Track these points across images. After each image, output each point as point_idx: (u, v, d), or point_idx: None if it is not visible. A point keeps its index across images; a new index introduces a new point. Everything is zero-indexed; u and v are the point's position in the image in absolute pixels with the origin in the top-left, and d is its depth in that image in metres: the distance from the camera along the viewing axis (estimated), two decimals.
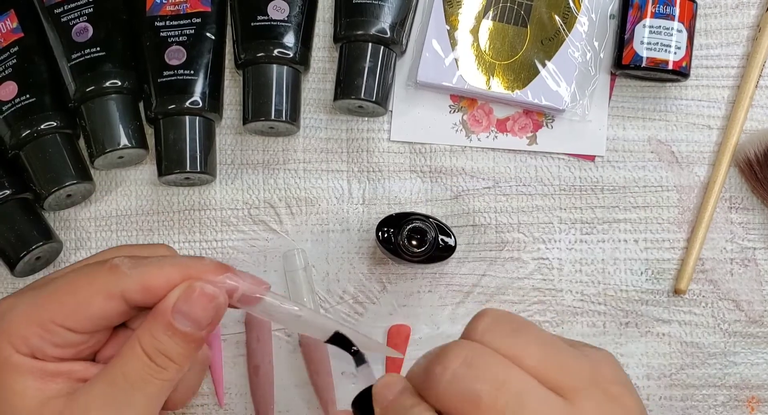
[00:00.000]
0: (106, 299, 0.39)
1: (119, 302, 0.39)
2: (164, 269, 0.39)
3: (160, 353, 0.39)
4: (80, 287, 0.39)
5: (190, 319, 0.38)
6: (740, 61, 0.60)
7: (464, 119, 0.59)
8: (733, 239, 0.58)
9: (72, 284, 0.39)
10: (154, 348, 0.38)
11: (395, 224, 0.55)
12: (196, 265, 0.40)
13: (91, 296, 0.39)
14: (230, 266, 0.40)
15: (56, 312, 0.39)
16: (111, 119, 0.56)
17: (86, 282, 0.39)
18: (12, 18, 0.58)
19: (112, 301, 0.39)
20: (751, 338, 0.58)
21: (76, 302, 0.39)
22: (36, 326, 0.38)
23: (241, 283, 0.40)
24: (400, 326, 0.57)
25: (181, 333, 0.39)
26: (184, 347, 0.39)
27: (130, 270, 0.39)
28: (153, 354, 0.38)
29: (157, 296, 0.39)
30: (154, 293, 0.39)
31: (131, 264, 0.39)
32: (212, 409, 0.57)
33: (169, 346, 0.39)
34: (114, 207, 0.59)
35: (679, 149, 0.59)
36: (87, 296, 0.39)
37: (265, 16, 0.57)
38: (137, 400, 0.39)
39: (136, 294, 0.39)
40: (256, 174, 0.59)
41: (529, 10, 0.59)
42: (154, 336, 0.38)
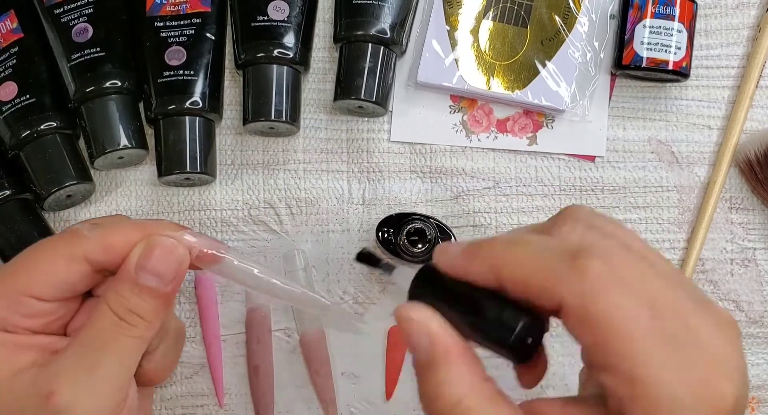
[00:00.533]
0: (68, 262, 0.39)
1: (83, 265, 0.39)
2: (124, 228, 0.40)
3: (128, 310, 0.39)
4: (43, 254, 0.39)
5: (153, 273, 0.39)
6: (740, 61, 0.60)
7: (464, 120, 0.59)
8: (734, 239, 0.58)
9: (35, 252, 0.40)
10: (122, 306, 0.39)
11: (395, 225, 0.55)
12: (155, 224, 0.40)
13: (54, 262, 0.39)
14: (189, 227, 0.41)
15: (22, 282, 0.39)
16: (111, 120, 0.56)
17: (48, 249, 0.39)
18: (12, 18, 0.58)
19: (76, 264, 0.39)
20: (751, 338, 0.58)
21: (40, 269, 0.39)
22: (3, 298, 0.39)
23: (200, 240, 0.40)
24: None
25: (147, 289, 0.39)
26: (151, 303, 0.39)
27: (90, 232, 0.39)
28: (121, 312, 0.39)
29: (119, 255, 0.39)
30: (116, 253, 0.39)
31: (91, 227, 0.39)
32: (212, 409, 0.57)
33: (136, 303, 0.39)
34: (114, 207, 0.59)
35: (680, 149, 0.59)
36: (50, 262, 0.39)
37: (265, 16, 0.57)
38: (108, 359, 0.38)
39: (98, 255, 0.39)
40: (256, 174, 0.59)
41: (529, 11, 0.59)
42: (120, 294, 0.39)
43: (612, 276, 0.33)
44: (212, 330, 0.57)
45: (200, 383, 0.57)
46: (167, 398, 0.57)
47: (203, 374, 0.57)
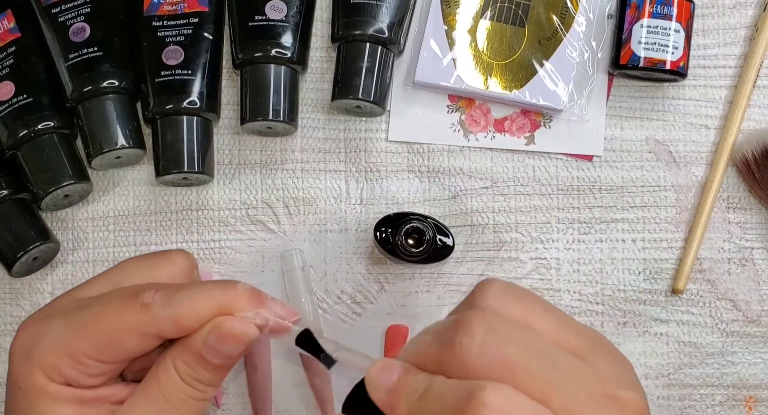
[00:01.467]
0: (140, 338, 0.39)
1: (154, 340, 0.39)
2: (197, 305, 0.39)
3: (194, 379, 0.39)
4: (111, 324, 0.38)
5: (220, 353, 0.39)
6: (738, 61, 0.60)
7: (462, 119, 0.59)
8: (731, 238, 0.59)
9: (103, 320, 0.39)
10: (189, 375, 0.39)
11: (393, 224, 0.55)
12: (229, 298, 0.39)
13: (124, 336, 0.38)
14: (264, 295, 0.40)
15: (88, 347, 0.38)
16: (108, 119, 0.56)
17: (116, 321, 0.38)
18: (9, 18, 0.57)
19: (148, 339, 0.39)
20: (748, 337, 0.58)
21: (108, 339, 0.38)
22: (69, 357, 0.38)
23: (272, 318, 0.40)
24: (398, 327, 0.57)
25: (212, 365, 0.39)
26: (217, 374, 0.40)
27: (162, 309, 0.38)
28: (189, 380, 0.39)
29: (191, 331, 0.39)
30: (188, 330, 0.39)
31: (163, 302, 0.38)
32: (210, 409, 0.57)
33: (203, 374, 0.39)
34: (111, 207, 0.59)
35: (677, 149, 0.59)
36: (119, 334, 0.38)
37: (262, 15, 0.57)
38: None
39: (170, 333, 0.39)
40: (254, 174, 0.59)
41: (527, 10, 0.59)
42: (187, 365, 0.39)
43: None
44: None
45: None
46: None
47: None
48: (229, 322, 0.39)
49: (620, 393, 0.34)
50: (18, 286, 0.58)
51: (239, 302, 0.39)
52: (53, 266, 0.58)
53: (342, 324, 0.58)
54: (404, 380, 0.36)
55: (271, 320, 0.40)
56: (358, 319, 0.58)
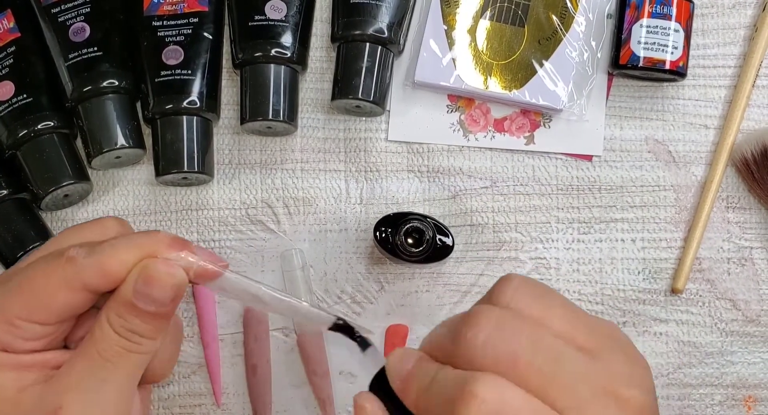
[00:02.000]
0: (67, 291, 0.38)
1: (82, 293, 0.39)
2: (119, 252, 0.39)
3: (129, 330, 0.39)
4: (39, 282, 0.39)
5: (151, 299, 0.38)
6: (737, 60, 0.60)
7: (462, 119, 0.59)
8: (730, 238, 0.59)
9: (31, 279, 0.39)
10: (123, 327, 0.39)
11: (393, 224, 0.55)
12: (151, 243, 0.39)
13: (53, 291, 0.38)
14: (188, 242, 0.40)
15: (20, 309, 0.38)
16: (108, 119, 0.56)
17: (44, 276, 0.39)
18: (9, 18, 0.57)
19: (75, 292, 0.39)
20: (748, 337, 0.58)
21: (38, 297, 0.38)
22: (2, 322, 0.38)
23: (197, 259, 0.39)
24: (397, 326, 0.57)
25: (146, 313, 0.39)
26: (152, 323, 0.39)
27: (85, 259, 0.38)
28: (123, 333, 0.39)
29: (117, 278, 0.39)
30: (114, 277, 0.39)
31: (86, 253, 0.38)
32: (210, 409, 0.57)
33: (137, 324, 0.39)
34: (111, 207, 0.59)
35: (676, 149, 0.59)
36: (48, 290, 0.38)
37: (262, 15, 0.57)
38: (115, 374, 0.39)
39: (96, 282, 0.39)
40: (254, 174, 0.59)
41: (527, 10, 0.59)
42: (120, 316, 0.39)
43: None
44: (210, 330, 0.57)
45: (198, 383, 0.57)
46: (165, 397, 0.57)
47: (201, 373, 0.57)
48: (154, 263, 0.38)
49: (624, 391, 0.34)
50: None
51: (162, 247, 0.39)
52: None
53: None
54: (417, 369, 0.37)
55: (195, 262, 0.39)
56: (358, 319, 0.58)
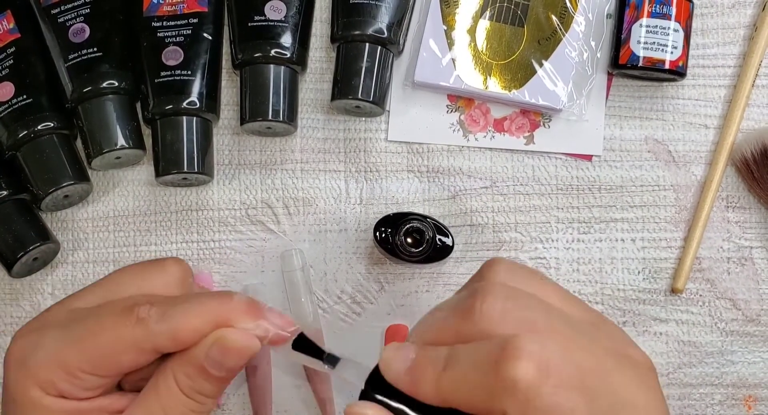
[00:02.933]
0: (137, 353, 0.38)
1: (151, 354, 0.39)
2: (193, 319, 0.38)
3: (195, 391, 0.39)
4: (107, 339, 0.38)
5: (222, 366, 0.38)
6: (737, 60, 0.60)
7: (461, 119, 0.59)
8: (730, 237, 0.59)
9: (97, 334, 0.38)
10: (190, 387, 0.39)
11: (393, 224, 0.55)
12: (227, 311, 0.39)
13: (121, 350, 0.38)
14: (261, 305, 0.39)
15: (83, 362, 0.38)
16: (108, 120, 0.56)
17: (112, 336, 0.38)
18: (9, 18, 0.57)
19: (144, 354, 0.38)
20: (748, 337, 0.58)
21: (103, 354, 0.38)
22: (63, 371, 0.38)
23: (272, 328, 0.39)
24: (398, 326, 0.57)
25: (214, 377, 0.39)
26: (218, 386, 0.39)
27: (158, 324, 0.38)
28: (190, 393, 0.39)
29: (189, 344, 0.38)
30: (186, 343, 0.38)
31: (158, 317, 0.38)
32: None
33: (205, 387, 0.39)
34: (111, 208, 0.59)
35: (676, 149, 0.59)
36: (116, 349, 0.38)
37: (262, 16, 0.57)
38: None
39: (167, 347, 0.38)
40: (254, 174, 0.59)
41: (526, 10, 0.59)
42: (189, 377, 0.38)
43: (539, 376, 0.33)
44: None
45: None
46: None
47: None
48: (232, 334, 0.38)
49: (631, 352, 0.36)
50: (18, 286, 0.58)
51: (236, 314, 0.39)
52: (53, 267, 0.58)
53: (342, 324, 0.58)
54: (423, 356, 0.36)
55: (271, 330, 0.39)
56: (358, 319, 0.58)
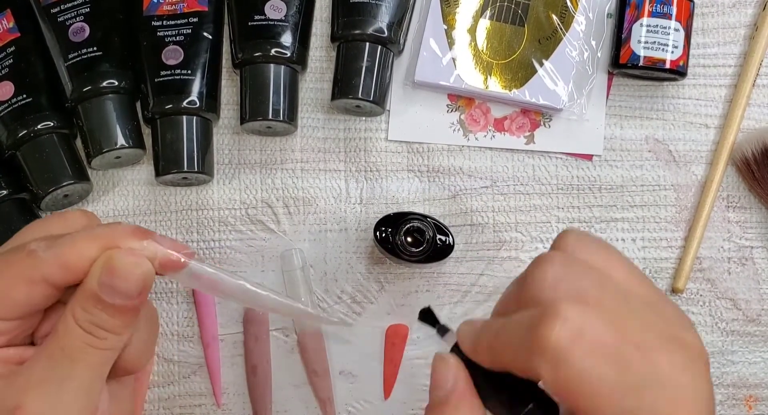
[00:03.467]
0: (28, 285, 0.37)
1: (43, 287, 0.38)
2: (79, 244, 0.37)
3: (95, 325, 0.37)
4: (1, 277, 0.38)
5: (117, 291, 0.37)
6: (737, 59, 0.60)
7: (462, 119, 0.59)
8: (731, 237, 0.59)
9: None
10: (88, 321, 0.37)
11: (393, 224, 0.55)
12: (113, 233, 0.38)
13: (13, 285, 0.37)
14: (151, 231, 0.39)
15: None
16: (108, 119, 0.56)
17: (4, 270, 0.38)
18: (8, 18, 0.57)
19: (36, 286, 0.37)
20: (748, 336, 0.58)
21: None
22: None
23: (160, 249, 0.38)
24: (398, 326, 0.57)
25: (112, 306, 0.37)
26: (119, 318, 0.37)
27: (45, 253, 0.37)
28: (88, 327, 0.37)
29: (79, 272, 0.38)
30: (76, 271, 0.37)
31: (46, 246, 0.37)
32: (210, 409, 0.57)
33: (103, 318, 0.37)
34: (111, 207, 0.59)
35: (677, 148, 0.59)
36: (8, 284, 0.37)
37: (262, 15, 0.57)
38: (78, 371, 0.37)
39: (57, 275, 0.37)
40: (254, 174, 0.59)
41: (527, 10, 0.59)
42: (85, 310, 0.37)
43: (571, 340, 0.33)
44: (210, 330, 0.57)
45: (198, 383, 0.57)
46: (165, 397, 0.57)
47: (201, 373, 0.57)
48: (118, 254, 0.37)
49: (686, 335, 0.35)
50: None
51: (123, 237, 0.38)
52: None
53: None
54: (484, 325, 0.37)
55: (159, 251, 0.38)
56: (358, 318, 0.58)
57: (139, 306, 0.38)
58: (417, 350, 0.57)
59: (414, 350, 0.57)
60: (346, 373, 0.57)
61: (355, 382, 0.57)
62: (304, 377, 0.57)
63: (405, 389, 0.57)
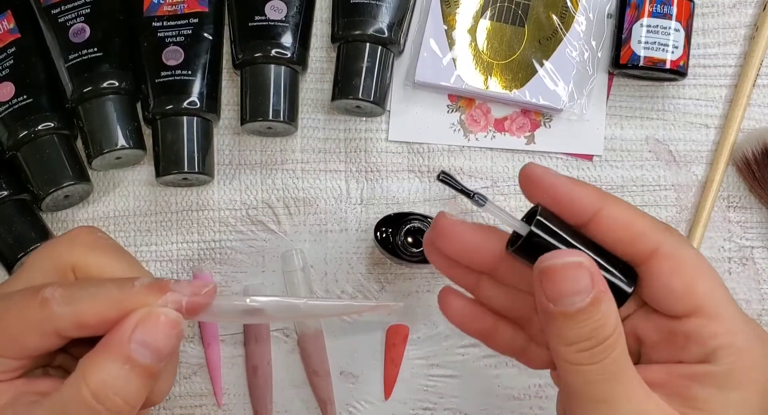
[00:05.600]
0: (40, 335, 0.36)
1: (55, 338, 0.36)
2: (97, 306, 0.36)
3: (111, 393, 0.34)
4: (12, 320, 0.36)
5: (150, 349, 0.35)
6: (737, 60, 0.60)
7: (462, 119, 0.59)
8: (731, 237, 0.59)
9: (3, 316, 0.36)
10: (105, 388, 0.34)
11: (393, 224, 0.55)
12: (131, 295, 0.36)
13: (25, 331, 0.36)
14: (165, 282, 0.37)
15: None
16: (108, 120, 0.56)
17: (17, 317, 0.36)
18: (9, 19, 0.57)
19: (48, 337, 0.36)
20: None
21: (8, 336, 0.36)
22: None
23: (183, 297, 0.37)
24: (398, 326, 0.57)
25: (141, 366, 0.35)
26: (141, 383, 0.35)
27: (60, 307, 0.35)
28: (103, 396, 0.34)
29: (94, 331, 0.36)
30: (91, 329, 0.36)
31: (62, 300, 0.36)
32: (210, 409, 0.57)
33: (124, 384, 0.35)
34: (112, 208, 0.59)
35: (677, 148, 0.59)
36: (20, 331, 0.36)
37: (262, 16, 0.57)
38: None
39: (71, 331, 0.36)
40: (254, 174, 0.59)
41: (527, 10, 0.59)
42: (105, 371, 0.34)
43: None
44: (210, 330, 0.57)
45: (199, 383, 0.57)
46: (165, 398, 0.57)
47: (202, 374, 0.57)
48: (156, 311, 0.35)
49: None
50: None
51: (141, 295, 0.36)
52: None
53: (342, 324, 0.58)
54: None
55: (183, 299, 0.36)
56: (359, 319, 0.58)
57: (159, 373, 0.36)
58: (417, 350, 0.57)
59: (414, 350, 0.57)
60: (347, 373, 0.57)
61: (356, 382, 0.57)
62: (304, 377, 0.57)
63: (405, 389, 0.57)
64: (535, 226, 0.37)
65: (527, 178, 0.39)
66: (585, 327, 0.35)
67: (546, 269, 0.36)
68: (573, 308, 0.35)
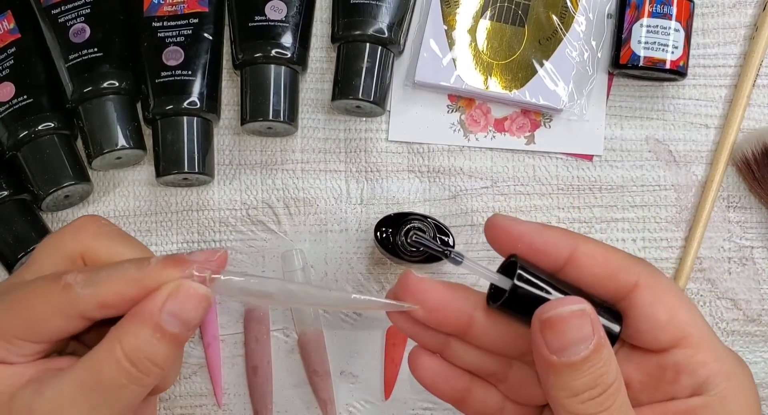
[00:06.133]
0: (65, 319, 0.37)
1: (79, 321, 0.38)
2: (118, 285, 0.37)
3: (143, 357, 0.37)
4: (37, 306, 0.38)
5: (180, 319, 0.37)
6: (737, 60, 0.60)
7: (462, 119, 0.59)
8: (731, 237, 0.59)
9: (27, 302, 0.38)
10: (137, 352, 0.36)
11: (393, 224, 0.55)
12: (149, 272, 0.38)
13: (49, 316, 0.37)
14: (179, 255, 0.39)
15: (16, 329, 0.37)
16: (109, 120, 0.56)
17: (41, 302, 0.38)
18: (9, 19, 0.57)
19: (72, 320, 0.38)
20: (749, 336, 0.58)
21: (32, 320, 0.38)
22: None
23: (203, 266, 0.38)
24: None
25: (170, 335, 0.37)
26: (170, 349, 0.37)
27: (83, 289, 0.37)
28: (135, 359, 0.37)
29: (116, 310, 0.37)
30: (113, 309, 0.37)
31: (84, 282, 0.37)
32: (210, 409, 0.57)
33: (155, 349, 0.37)
34: (112, 208, 0.59)
35: (677, 148, 0.59)
36: (43, 315, 0.37)
37: (262, 16, 0.57)
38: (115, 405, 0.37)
39: (95, 313, 0.37)
40: (254, 174, 0.59)
41: (527, 10, 0.59)
42: (138, 338, 0.36)
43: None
44: (211, 330, 0.57)
45: (199, 383, 0.57)
46: (165, 398, 0.57)
47: (202, 374, 0.57)
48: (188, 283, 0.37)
49: None
50: None
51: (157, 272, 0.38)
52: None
53: (342, 324, 0.58)
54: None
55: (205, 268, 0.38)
56: (359, 319, 0.58)
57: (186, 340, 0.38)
58: None
59: None
60: (347, 373, 0.57)
61: (356, 382, 0.57)
62: (304, 377, 0.57)
63: (405, 389, 0.57)
64: (517, 279, 0.36)
65: (495, 230, 0.39)
66: (589, 375, 0.35)
67: (549, 320, 0.35)
68: (578, 357, 0.35)
